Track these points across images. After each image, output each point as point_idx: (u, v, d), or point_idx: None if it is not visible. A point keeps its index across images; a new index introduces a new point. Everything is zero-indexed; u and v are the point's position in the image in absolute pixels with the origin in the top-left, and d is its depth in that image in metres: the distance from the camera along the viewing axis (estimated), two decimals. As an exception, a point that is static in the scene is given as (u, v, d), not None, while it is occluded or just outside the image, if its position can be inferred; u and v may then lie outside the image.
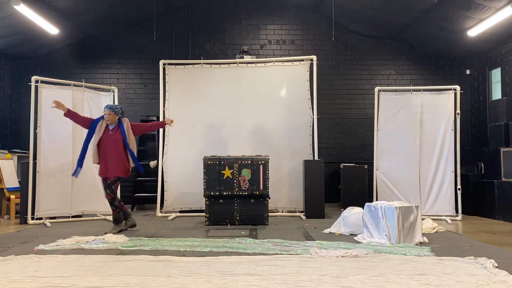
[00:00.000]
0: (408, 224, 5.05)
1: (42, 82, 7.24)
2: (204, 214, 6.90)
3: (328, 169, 9.06)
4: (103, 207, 7.71)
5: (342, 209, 6.60)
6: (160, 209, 7.98)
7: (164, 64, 8.28)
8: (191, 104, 8.26)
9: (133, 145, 6.04)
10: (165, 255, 4.39)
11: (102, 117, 6.05)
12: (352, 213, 5.86)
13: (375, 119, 7.75)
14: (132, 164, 6.01)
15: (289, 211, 8.04)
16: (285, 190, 8.06)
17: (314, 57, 8.14)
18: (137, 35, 9.64)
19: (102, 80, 9.51)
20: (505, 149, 7.48)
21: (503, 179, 7.38)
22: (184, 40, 9.68)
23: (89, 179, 7.60)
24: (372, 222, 5.26)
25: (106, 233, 5.62)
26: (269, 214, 6.95)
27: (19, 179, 7.78)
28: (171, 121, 6.52)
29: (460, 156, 7.59)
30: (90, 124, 6.06)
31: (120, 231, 5.89)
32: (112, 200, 5.92)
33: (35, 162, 7.09)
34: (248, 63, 8.46)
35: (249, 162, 6.74)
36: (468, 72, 9.72)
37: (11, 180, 8.07)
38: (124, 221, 6.10)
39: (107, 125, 6.00)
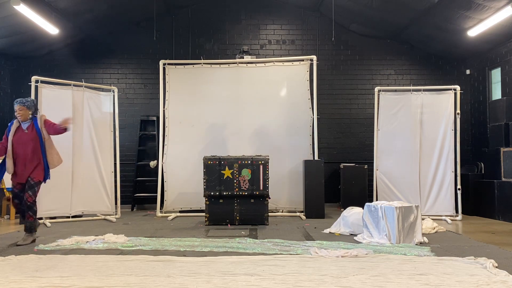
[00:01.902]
0: (408, 224, 5.05)
1: (42, 82, 7.25)
2: (204, 214, 6.90)
3: (328, 169, 9.05)
4: (103, 207, 7.73)
5: (342, 209, 6.60)
6: (160, 209, 7.98)
7: (164, 64, 8.28)
8: (191, 104, 8.26)
9: (50, 146, 5.37)
10: (165, 255, 4.39)
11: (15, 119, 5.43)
12: (352, 213, 5.86)
13: (375, 119, 7.75)
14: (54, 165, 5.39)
15: (289, 211, 8.04)
16: (285, 190, 8.05)
17: (314, 57, 8.14)
18: (137, 35, 9.64)
19: (102, 80, 9.50)
20: (505, 149, 7.47)
21: (503, 179, 7.37)
22: (184, 40, 9.68)
23: (89, 179, 7.61)
24: (372, 222, 5.26)
25: (18, 245, 5.05)
26: (269, 214, 6.95)
27: (19, 179, 7.77)
28: (65, 122, 5.37)
29: (460, 156, 7.59)
30: (6, 133, 5.38)
31: (32, 241, 5.22)
32: (32, 204, 5.22)
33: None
34: (248, 63, 8.47)
35: (249, 162, 6.73)
36: (468, 72, 9.71)
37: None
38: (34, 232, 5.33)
39: (19, 124, 5.37)
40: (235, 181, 6.70)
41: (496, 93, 8.89)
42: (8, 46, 8.71)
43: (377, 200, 7.35)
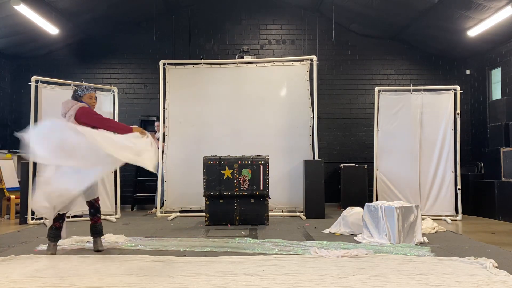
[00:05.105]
0: (408, 224, 5.04)
1: (42, 82, 7.24)
2: (204, 214, 6.89)
3: (328, 169, 9.05)
4: (103, 207, 7.64)
5: (342, 209, 6.60)
6: (160, 209, 7.97)
7: (164, 64, 8.27)
8: (191, 104, 8.25)
9: None
10: (165, 255, 4.39)
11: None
12: (352, 213, 5.85)
13: (375, 119, 7.75)
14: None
15: (289, 211, 8.03)
16: (285, 190, 8.04)
17: (314, 57, 8.14)
18: (137, 35, 9.64)
19: (102, 80, 9.50)
20: (505, 149, 7.47)
21: (503, 179, 7.37)
22: (184, 40, 9.68)
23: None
24: (372, 222, 5.26)
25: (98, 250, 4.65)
26: (269, 214, 6.95)
27: (19, 179, 7.77)
28: None
29: (460, 156, 7.58)
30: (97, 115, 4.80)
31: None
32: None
33: (35, 162, 7.07)
34: (248, 63, 8.46)
35: (249, 162, 6.73)
36: (468, 72, 9.71)
37: (11, 180, 8.07)
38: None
39: None
40: (235, 181, 6.70)
41: (496, 93, 8.89)
42: (8, 46, 8.71)
43: (377, 200, 7.35)
